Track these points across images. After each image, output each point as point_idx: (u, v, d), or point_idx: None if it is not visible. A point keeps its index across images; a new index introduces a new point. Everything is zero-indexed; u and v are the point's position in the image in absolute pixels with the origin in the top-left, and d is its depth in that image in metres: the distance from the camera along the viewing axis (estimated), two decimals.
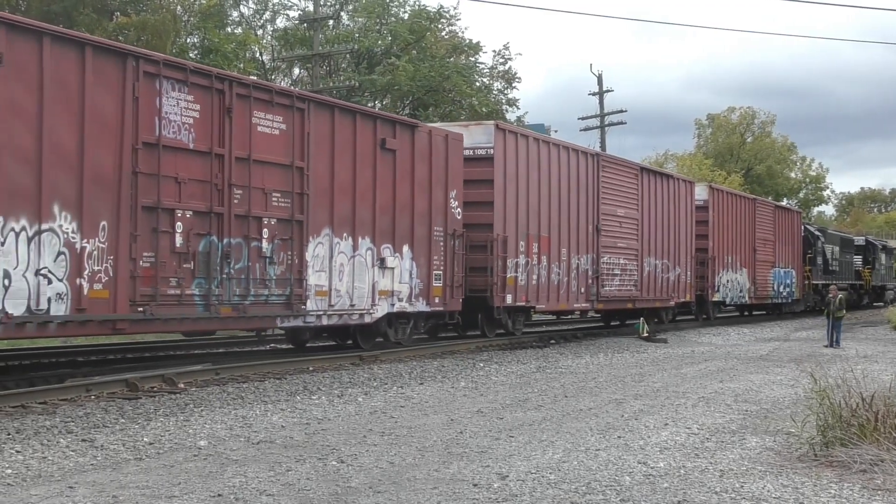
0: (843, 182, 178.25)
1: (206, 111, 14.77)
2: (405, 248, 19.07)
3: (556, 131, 60.77)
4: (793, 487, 8.17)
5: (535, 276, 22.94)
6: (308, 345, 20.35)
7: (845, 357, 20.81)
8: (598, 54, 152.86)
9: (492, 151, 21.43)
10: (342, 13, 45.01)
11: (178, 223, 14.35)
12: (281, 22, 45.95)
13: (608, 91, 51.70)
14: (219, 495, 7.72)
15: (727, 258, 35.23)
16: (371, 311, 18.26)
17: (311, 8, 40.73)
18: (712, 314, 34.71)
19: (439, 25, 44.45)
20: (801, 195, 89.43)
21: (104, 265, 13.25)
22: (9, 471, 8.52)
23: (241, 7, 45.25)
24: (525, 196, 22.57)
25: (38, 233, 12.31)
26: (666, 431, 10.99)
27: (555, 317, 31.37)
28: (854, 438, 9.21)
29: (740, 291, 36.57)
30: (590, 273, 25.54)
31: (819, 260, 46.05)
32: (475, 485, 8.14)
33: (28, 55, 12.24)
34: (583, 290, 25.24)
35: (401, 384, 15.32)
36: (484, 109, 42.24)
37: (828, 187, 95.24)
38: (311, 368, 16.62)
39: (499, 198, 21.60)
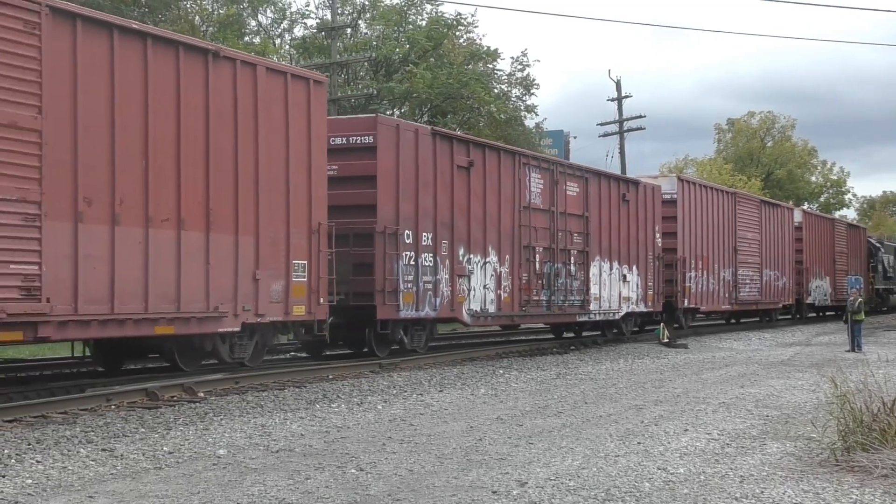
0: (864, 185, 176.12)
1: (546, 183, 23.23)
2: (634, 267, 27.29)
3: (574, 137, 60.92)
4: (814, 493, 8.12)
5: (700, 286, 31.20)
6: (564, 335, 27.69)
7: (867, 361, 20.56)
8: (615, 60, 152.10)
9: (675, 196, 29.91)
10: (360, 21, 45.03)
11: (537, 255, 22.73)
12: (299, 31, 46.15)
13: (626, 97, 51.54)
14: None
15: (815, 268, 43.46)
16: (618, 312, 26.75)
17: (328, 16, 40.86)
18: (805, 314, 42.70)
19: (457, 32, 44.41)
20: (821, 199, 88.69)
21: (507, 282, 21.60)
22: (29, 481, 8.56)
23: (260, 16, 45.50)
24: (694, 227, 30.89)
25: (485, 263, 20.89)
26: (686, 437, 10.94)
27: (705, 316, 37.65)
28: (875, 443, 9.15)
29: (824, 295, 44.79)
30: (731, 282, 33.70)
31: (880, 268, 53.40)
32: (494, 492, 8.12)
33: (480, 160, 20.79)
34: (726, 295, 33.54)
35: (420, 392, 15.31)
36: (502, 116, 42.15)
37: (849, 191, 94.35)
38: (330, 376, 16.66)
39: (680, 230, 29.92)
